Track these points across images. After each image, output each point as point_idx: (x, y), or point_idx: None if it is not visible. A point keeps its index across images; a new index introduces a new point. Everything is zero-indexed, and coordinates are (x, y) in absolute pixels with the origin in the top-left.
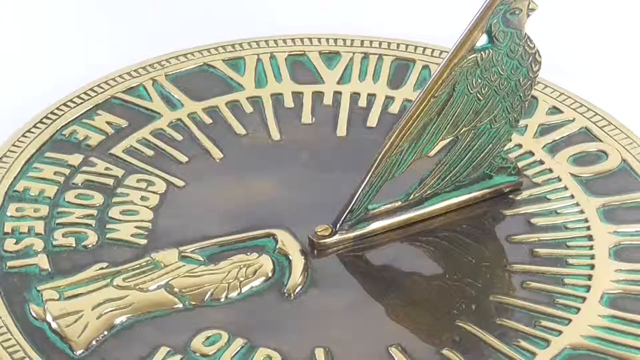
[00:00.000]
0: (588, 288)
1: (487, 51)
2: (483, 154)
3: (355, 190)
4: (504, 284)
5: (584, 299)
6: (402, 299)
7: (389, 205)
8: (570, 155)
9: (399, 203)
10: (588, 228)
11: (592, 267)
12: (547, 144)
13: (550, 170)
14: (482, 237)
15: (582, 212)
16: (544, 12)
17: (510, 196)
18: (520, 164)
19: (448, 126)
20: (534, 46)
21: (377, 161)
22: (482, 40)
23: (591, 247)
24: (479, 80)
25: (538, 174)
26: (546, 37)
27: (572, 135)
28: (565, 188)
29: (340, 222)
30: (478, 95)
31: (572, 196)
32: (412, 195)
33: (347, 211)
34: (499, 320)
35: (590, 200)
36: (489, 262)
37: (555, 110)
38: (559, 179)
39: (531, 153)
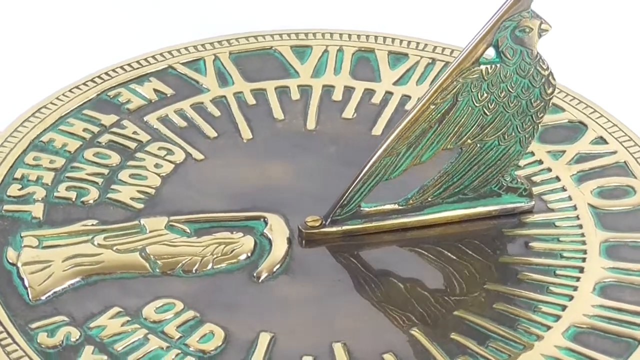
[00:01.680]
0: (558, 318)
1: (493, 65)
2: (490, 169)
3: (348, 186)
4: (474, 301)
5: (548, 327)
6: (369, 299)
7: (384, 207)
8: (597, 187)
9: (396, 206)
10: (583, 260)
11: (570, 298)
12: (578, 172)
13: (570, 198)
14: (474, 252)
15: (584, 243)
16: (607, 40)
17: (520, 217)
18: (542, 188)
19: (450, 136)
20: (548, 67)
21: (372, 161)
22: (492, 54)
23: (578, 279)
24: (485, 95)
25: (556, 200)
26: (604, 63)
27: (607, 167)
28: (577, 218)
29: (330, 215)
30: (484, 109)
31: (580, 226)
32: (410, 200)
33: (338, 206)
34: (454, 334)
35: (597, 233)
36: (470, 277)
37: (600, 140)
38: (575, 208)
39: (557, 179)
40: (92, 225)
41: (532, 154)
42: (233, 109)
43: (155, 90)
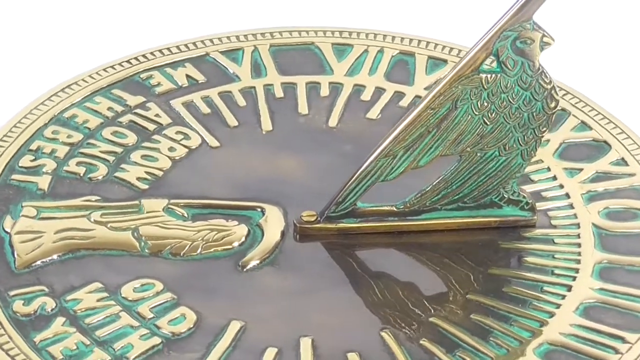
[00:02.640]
0: (533, 334)
1: (493, 75)
2: (490, 180)
3: (343, 184)
4: (453, 309)
5: (521, 342)
6: (349, 298)
7: (380, 207)
8: (605, 208)
9: (393, 208)
10: (573, 279)
11: (552, 315)
12: (590, 191)
13: (575, 216)
14: (464, 261)
15: (578, 262)
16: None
17: (520, 231)
18: (549, 204)
19: (448, 142)
20: (550, 81)
21: (368, 161)
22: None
23: (563, 297)
24: (485, 104)
25: (561, 217)
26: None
27: (622, 189)
28: (578, 236)
29: (325, 212)
30: (484, 118)
31: (578, 245)
32: (408, 204)
33: (332, 203)
34: (424, 340)
35: (595, 253)
36: (455, 286)
37: (621, 161)
38: (578, 226)
39: (567, 196)
40: (93, 201)
41: (548, 169)
42: (259, 100)
43: (187, 76)
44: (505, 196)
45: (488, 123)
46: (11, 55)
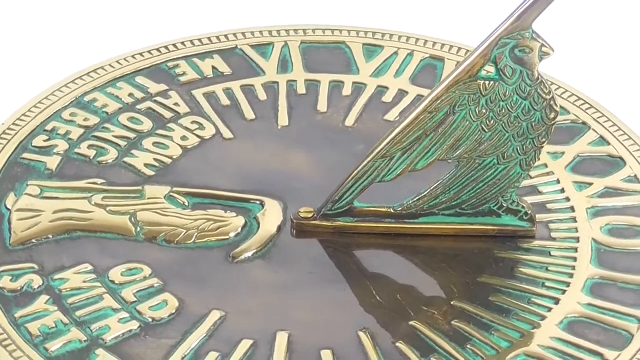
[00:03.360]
0: (512, 344)
1: (491, 82)
2: (488, 187)
3: (340, 183)
4: (435, 314)
5: (498, 351)
6: (334, 295)
7: (377, 208)
8: (608, 224)
9: (390, 210)
10: (563, 292)
11: (534, 327)
12: (596, 206)
13: (576, 230)
14: (455, 267)
15: (571, 276)
16: None
17: (518, 241)
18: (552, 216)
19: (446, 147)
20: (550, 92)
21: (365, 161)
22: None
23: (549, 310)
24: (484, 111)
25: (561, 230)
26: None
27: (629, 207)
28: (575, 250)
29: (322, 209)
30: (482, 125)
31: (574, 259)
32: (405, 206)
33: (329, 201)
34: (400, 342)
35: (589, 268)
36: (442, 291)
37: (634, 178)
38: (577, 240)
39: (572, 209)
40: (98, 184)
41: (558, 181)
42: (280, 96)
43: (213, 67)
44: (504, 205)
45: (486, 130)
46: (45, 38)
